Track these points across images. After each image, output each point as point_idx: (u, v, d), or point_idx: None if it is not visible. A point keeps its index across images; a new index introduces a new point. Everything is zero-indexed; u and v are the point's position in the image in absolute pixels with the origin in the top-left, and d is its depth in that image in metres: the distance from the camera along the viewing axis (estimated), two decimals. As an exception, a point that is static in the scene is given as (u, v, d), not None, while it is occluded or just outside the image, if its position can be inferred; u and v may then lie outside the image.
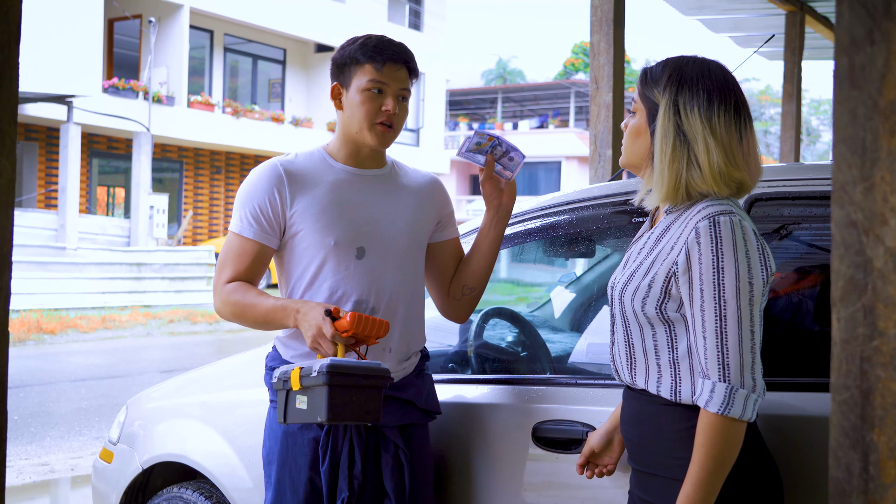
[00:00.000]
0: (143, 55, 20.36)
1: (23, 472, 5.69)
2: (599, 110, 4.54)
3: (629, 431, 1.88)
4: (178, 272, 16.96)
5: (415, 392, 2.30)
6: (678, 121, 1.76)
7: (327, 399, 1.95)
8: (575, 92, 38.52)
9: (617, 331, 1.89)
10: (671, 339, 1.78)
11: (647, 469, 1.82)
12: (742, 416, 1.66)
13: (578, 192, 2.61)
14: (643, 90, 1.84)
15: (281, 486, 2.25)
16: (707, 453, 1.67)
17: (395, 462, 2.22)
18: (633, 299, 1.80)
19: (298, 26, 22.32)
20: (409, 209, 2.34)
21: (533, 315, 3.49)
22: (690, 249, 1.71)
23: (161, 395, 3.20)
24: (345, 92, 2.28)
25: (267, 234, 2.25)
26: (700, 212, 1.73)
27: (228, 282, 2.26)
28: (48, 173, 18.91)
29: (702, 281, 1.69)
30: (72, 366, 10.00)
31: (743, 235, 1.70)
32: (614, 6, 4.53)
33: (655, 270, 1.77)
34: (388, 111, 2.24)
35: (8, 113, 2.28)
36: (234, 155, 22.76)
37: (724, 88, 1.78)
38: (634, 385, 1.85)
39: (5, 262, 2.27)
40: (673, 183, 1.76)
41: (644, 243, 1.86)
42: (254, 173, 2.28)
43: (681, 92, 1.77)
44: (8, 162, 2.29)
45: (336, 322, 2.05)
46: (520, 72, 50.84)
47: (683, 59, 1.83)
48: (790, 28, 7.69)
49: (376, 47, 2.25)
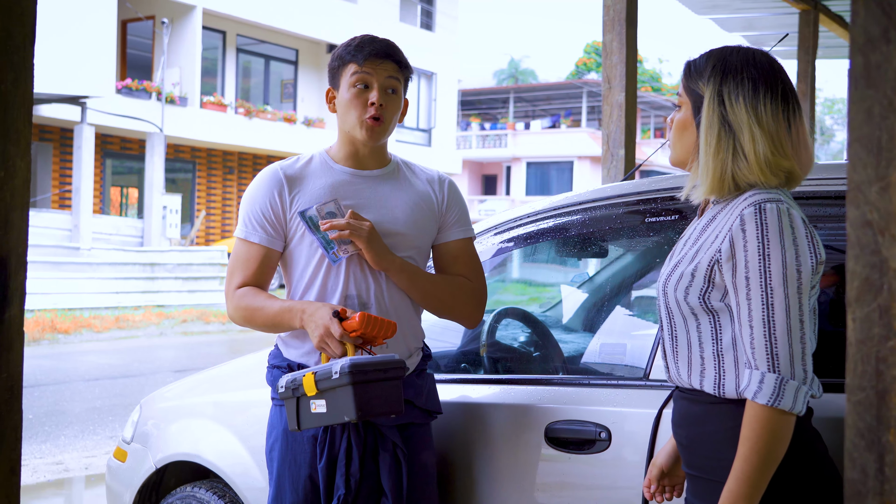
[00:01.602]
0: (156, 56, 20.43)
1: (37, 471, 5.72)
2: (612, 110, 4.53)
3: (678, 434, 1.83)
4: (191, 272, 17.01)
5: (414, 392, 2.30)
6: (723, 111, 1.72)
7: (354, 398, 1.97)
8: (587, 92, 38.44)
9: (663, 324, 1.84)
10: (715, 329, 1.73)
11: (696, 472, 1.77)
12: (792, 408, 1.60)
13: (591, 192, 2.60)
14: (687, 83, 1.81)
15: (281, 482, 2.27)
16: (753, 447, 1.61)
17: (394, 461, 2.23)
18: (675, 289, 1.76)
19: (311, 27, 22.35)
20: (409, 209, 2.33)
21: (545, 315, 3.49)
22: (735, 237, 1.67)
23: (174, 394, 3.21)
24: (336, 94, 2.33)
25: (271, 237, 2.28)
26: (746, 199, 1.69)
27: (238, 287, 2.29)
28: (62, 174, 19.00)
29: (747, 269, 1.65)
30: (86, 365, 10.05)
31: (790, 222, 1.65)
32: (627, 6, 4.52)
33: (699, 259, 1.73)
34: (373, 104, 2.25)
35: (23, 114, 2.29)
36: (247, 155, 22.81)
37: (770, 76, 1.74)
38: (680, 381, 1.81)
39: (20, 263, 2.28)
40: (718, 174, 1.72)
41: (690, 234, 1.83)
42: (255, 179, 2.33)
43: (725, 82, 1.73)
44: (23, 162, 2.29)
45: (344, 322, 2.07)
46: (532, 71, 50.78)
47: (727, 48, 1.79)
48: (804, 27, 7.65)
49: (358, 45, 2.28)
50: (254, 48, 22.97)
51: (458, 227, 2.42)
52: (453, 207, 2.42)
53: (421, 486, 2.27)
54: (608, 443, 2.17)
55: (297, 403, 2.09)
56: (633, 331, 2.97)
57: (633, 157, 4.56)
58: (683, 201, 1.94)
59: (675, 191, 2.41)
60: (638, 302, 3.27)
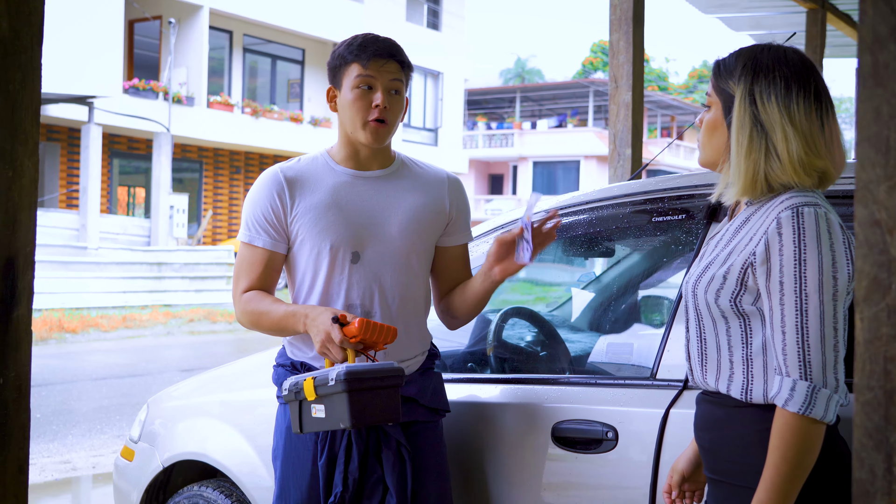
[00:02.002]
0: (162, 56, 20.47)
1: (45, 470, 5.74)
2: (619, 109, 4.52)
3: (701, 438, 1.80)
4: (198, 272, 17.04)
5: (418, 389, 2.30)
6: (755, 110, 1.69)
7: (348, 405, 1.97)
8: (594, 91, 38.40)
9: (690, 327, 1.80)
10: (746, 333, 1.70)
11: (719, 477, 1.74)
12: (823, 417, 1.57)
13: (597, 191, 2.60)
14: (717, 82, 1.77)
15: (285, 479, 2.28)
16: (783, 456, 1.58)
17: (397, 458, 2.22)
18: (706, 291, 1.72)
19: (317, 26, 22.37)
20: (412, 210, 2.31)
21: (552, 314, 3.49)
22: (771, 240, 1.63)
23: (181, 393, 3.22)
24: (338, 94, 2.30)
25: (274, 240, 2.27)
26: (783, 202, 1.65)
27: (245, 291, 2.29)
28: (69, 173, 19.04)
29: (782, 273, 1.61)
30: (93, 364, 10.07)
31: (828, 227, 1.61)
32: (634, 5, 4.51)
33: (732, 261, 1.70)
34: (378, 106, 2.23)
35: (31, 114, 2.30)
36: (254, 155, 22.84)
37: (802, 74, 1.70)
38: (706, 385, 1.77)
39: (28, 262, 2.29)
40: (751, 175, 1.68)
41: (722, 235, 1.79)
42: (256, 182, 2.32)
43: (756, 81, 1.70)
44: (30, 162, 2.30)
45: (345, 328, 2.06)
46: (538, 71, 50.78)
47: (758, 47, 1.76)
48: (811, 26, 7.63)
49: (361, 45, 2.25)
50: (260, 48, 22.99)
51: (463, 233, 2.41)
52: (461, 212, 2.41)
53: (431, 483, 2.27)
54: (615, 442, 2.17)
55: (299, 407, 2.09)
56: (640, 330, 2.97)
57: (640, 157, 4.56)
58: (715, 202, 1.91)
59: (682, 190, 2.40)
60: (645, 301, 3.27)
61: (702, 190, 2.35)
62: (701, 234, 2.28)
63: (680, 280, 2.30)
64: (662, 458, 2.09)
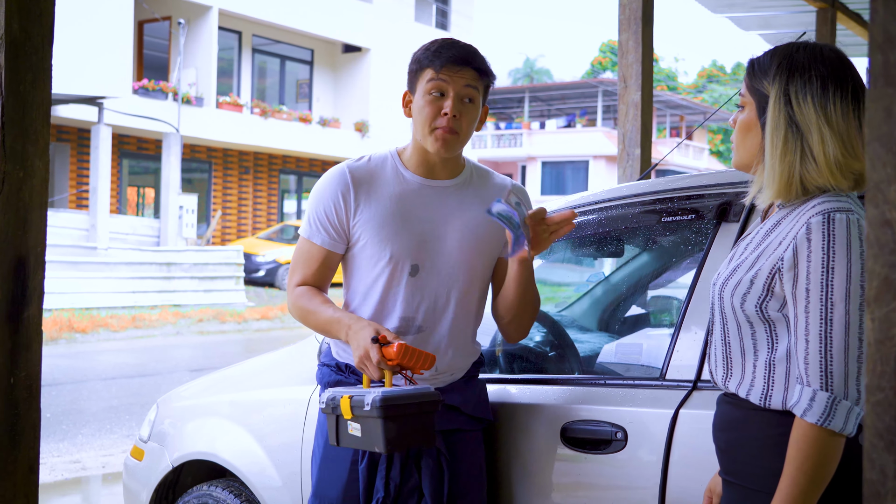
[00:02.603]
0: (172, 56, 20.52)
1: (55, 470, 5.76)
2: (628, 109, 4.51)
3: (718, 437, 1.77)
4: (208, 272, 17.07)
5: (462, 398, 2.28)
6: (790, 111, 1.64)
7: (383, 432, 1.97)
8: (602, 91, 38.34)
9: (714, 329, 1.77)
10: (771, 339, 1.66)
11: (732, 479, 1.72)
12: (843, 429, 1.53)
13: (607, 191, 2.59)
14: (751, 82, 1.72)
15: (322, 480, 2.28)
16: (800, 468, 1.54)
17: (436, 466, 2.21)
18: (732, 295, 1.69)
19: (326, 27, 22.40)
20: (474, 224, 2.26)
21: (561, 315, 3.48)
22: (799, 246, 1.59)
23: (191, 393, 3.23)
24: (412, 98, 2.24)
25: (333, 240, 2.25)
26: (815, 207, 1.61)
27: (298, 285, 2.29)
28: (79, 174, 19.11)
29: (808, 280, 1.57)
30: (103, 364, 10.11)
31: (859, 235, 1.56)
32: (643, 4, 4.50)
33: (760, 266, 1.66)
34: (447, 114, 2.16)
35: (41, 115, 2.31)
36: (263, 155, 22.88)
37: (839, 73, 1.65)
38: (726, 388, 1.75)
39: (39, 262, 2.30)
40: (786, 178, 1.64)
41: (752, 238, 1.74)
42: (324, 178, 2.27)
43: (791, 80, 1.65)
44: (41, 163, 2.32)
45: (383, 348, 2.03)
46: (547, 71, 50.76)
47: (793, 45, 1.71)
48: (821, 25, 7.60)
49: (437, 49, 2.19)
50: (269, 48, 23.04)
51: None
52: None
53: (468, 492, 2.26)
54: (624, 443, 2.16)
55: (336, 420, 2.10)
56: (650, 330, 2.96)
57: (650, 157, 4.55)
58: (747, 205, 1.89)
59: (691, 190, 2.40)
60: (654, 301, 3.26)
61: (712, 190, 2.35)
62: (711, 234, 2.28)
63: (689, 280, 2.30)
64: (672, 458, 2.09)
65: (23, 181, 2.13)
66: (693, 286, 2.25)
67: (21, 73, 2.11)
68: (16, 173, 2.10)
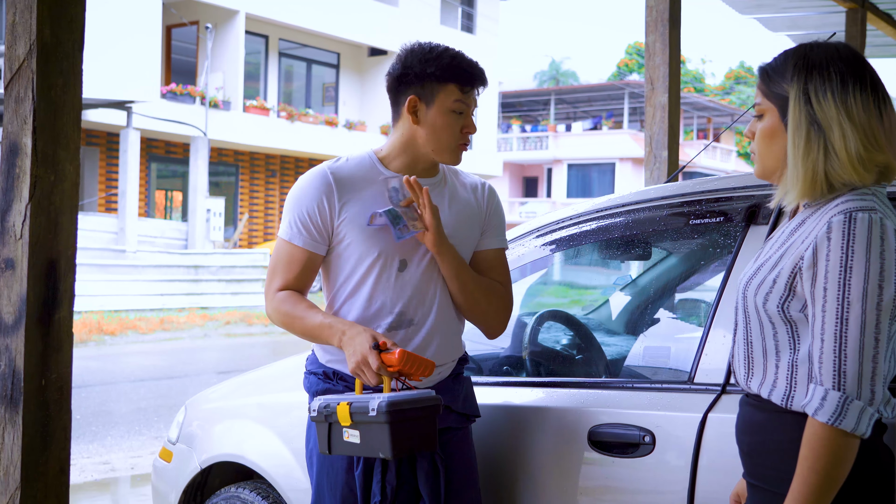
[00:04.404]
0: (199, 61, 20.68)
1: (85, 471, 5.81)
2: (655, 111, 4.49)
3: (741, 441, 1.77)
4: (235, 274, 17.18)
5: (451, 396, 2.29)
6: (810, 109, 1.63)
7: (390, 436, 1.96)
8: (629, 93, 38.20)
9: (738, 328, 1.76)
10: (793, 339, 1.65)
11: (757, 482, 1.71)
12: (855, 430, 1.52)
13: (634, 193, 2.58)
14: (769, 87, 1.72)
15: (320, 487, 2.28)
16: (811, 467, 1.54)
17: (431, 467, 2.21)
18: (756, 294, 1.68)
19: (352, 30, 22.48)
20: (456, 218, 2.30)
21: (588, 318, 3.47)
22: (819, 245, 1.58)
23: (218, 395, 3.24)
24: (424, 108, 2.24)
25: (315, 241, 2.24)
26: (838, 206, 1.60)
27: (279, 289, 2.26)
28: (108, 178, 19.30)
29: (826, 279, 1.56)
30: (131, 366, 10.19)
31: (881, 234, 1.55)
32: (670, 6, 4.48)
33: (782, 265, 1.65)
34: (468, 131, 2.26)
35: (72, 119, 2.33)
36: (289, 158, 23.00)
37: (856, 66, 1.65)
38: (748, 388, 1.74)
39: (69, 265, 2.32)
40: (810, 177, 1.63)
41: (778, 237, 1.73)
42: (303, 179, 2.27)
43: (810, 78, 1.64)
44: (72, 167, 2.33)
45: (383, 355, 2.02)
46: (573, 73, 50.59)
47: (805, 45, 1.71)
48: (851, 25, 7.53)
49: (461, 67, 2.23)
50: (296, 52, 23.16)
51: (496, 237, 2.39)
52: (494, 216, 2.40)
53: (463, 490, 2.26)
54: (652, 447, 2.15)
55: (328, 428, 2.08)
56: (678, 334, 2.94)
57: (677, 159, 4.52)
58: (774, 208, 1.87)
59: (719, 192, 2.38)
60: (682, 304, 3.24)
61: (740, 192, 2.33)
62: (740, 236, 2.26)
63: (717, 283, 2.28)
64: (700, 462, 2.07)
65: (54, 185, 2.15)
66: (722, 289, 2.23)
67: (52, 79, 2.13)
68: (47, 177, 2.13)
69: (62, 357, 2.18)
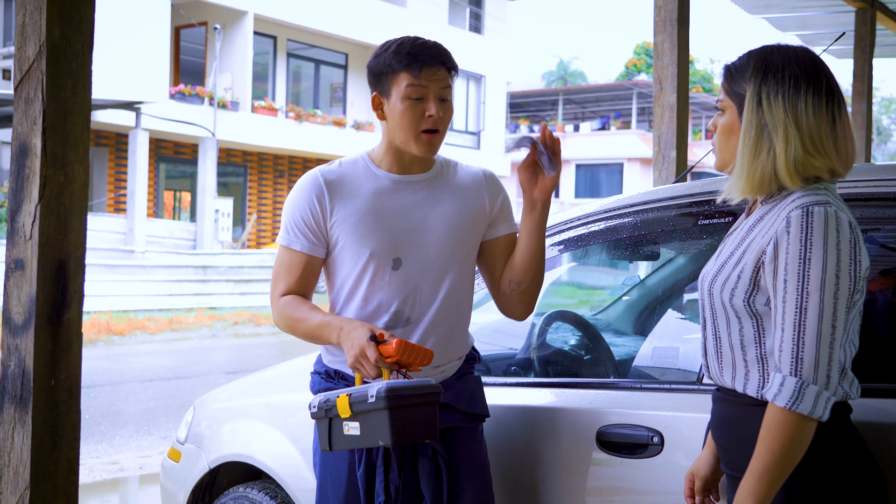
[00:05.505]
0: (208, 61, 20.72)
1: (94, 470, 5.83)
2: (663, 111, 4.48)
3: (719, 436, 1.82)
4: (243, 275, 17.21)
5: (454, 395, 2.28)
6: (760, 112, 1.70)
7: (390, 423, 1.95)
8: (637, 93, 38.12)
9: (706, 325, 1.83)
10: (758, 333, 1.72)
11: (739, 473, 1.75)
12: (812, 413, 1.59)
13: (642, 194, 2.58)
14: (730, 86, 1.79)
15: (324, 487, 2.28)
16: (768, 448, 1.61)
17: (433, 466, 2.21)
18: (721, 290, 1.75)
19: (360, 31, 22.49)
20: (453, 212, 2.28)
21: (596, 318, 3.47)
22: (779, 239, 1.66)
23: (227, 396, 3.25)
24: (385, 101, 2.24)
25: (313, 244, 2.25)
26: (794, 201, 1.67)
27: (283, 295, 2.27)
28: (117, 178, 19.36)
29: (786, 271, 1.64)
30: (140, 366, 10.22)
31: (836, 227, 1.63)
32: (678, 6, 4.47)
33: (745, 261, 1.72)
34: (431, 116, 2.18)
35: (82, 120, 2.34)
36: (297, 159, 23.03)
37: (812, 72, 1.71)
38: (722, 383, 1.80)
39: (79, 266, 2.33)
40: (758, 176, 1.71)
41: (737, 234, 1.81)
42: (297, 185, 2.29)
43: (765, 81, 1.71)
44: (82, 167, 2.34)
45: (381, 346, 2.03)
46: (581, 73, 50.51)
47: (768, 47, 1.77)
48: (860, 25, 7.51)
49: (410, 53, 2.18)
50: (304, 53, 23.18)
51: (506, 222, 2.37)
52: (502, 204, 2.37)
53: (471, 490, 2.25)
54: (661, 447, 2.15)
55: (329, 424, 2.08)
56: (686, 334, 2.94)
57: (685, 159, 4.52)
58: (720, 204, 1.91)
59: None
60: (690, 305, 3.23)
61: (749, 192, 2.32)
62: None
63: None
64: (709, 463, 2.06)
65: (63, 186, 2.16)
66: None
67: (62, 80, 2.14)
68: (56, 178, 2.13)
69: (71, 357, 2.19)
